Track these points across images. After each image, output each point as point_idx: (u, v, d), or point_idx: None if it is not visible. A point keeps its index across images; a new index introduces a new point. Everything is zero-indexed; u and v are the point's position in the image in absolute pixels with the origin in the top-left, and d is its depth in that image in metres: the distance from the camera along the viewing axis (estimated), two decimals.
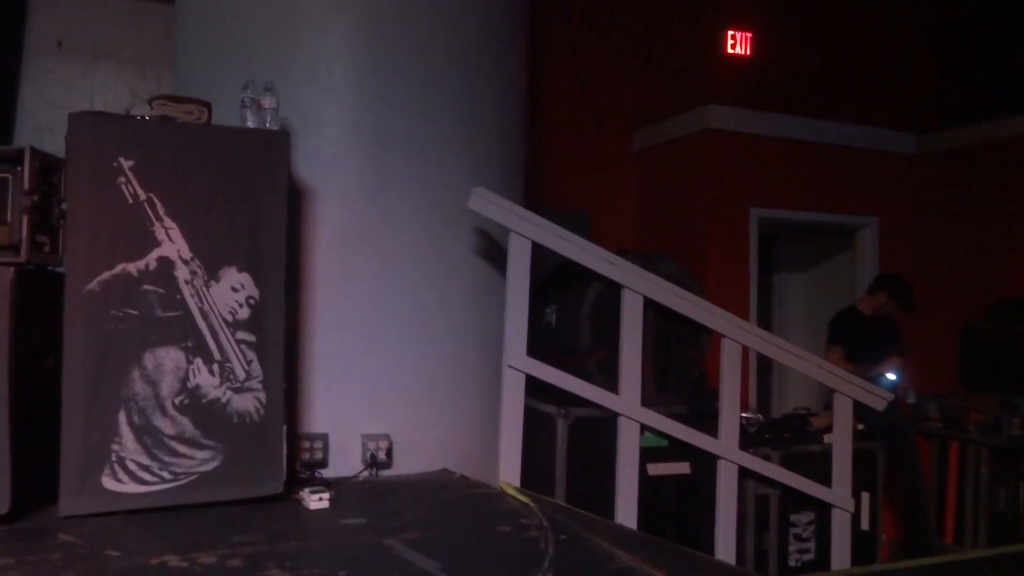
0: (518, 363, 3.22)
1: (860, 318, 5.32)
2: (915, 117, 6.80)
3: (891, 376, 4.95)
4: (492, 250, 3.55)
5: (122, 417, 2.57)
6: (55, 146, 2.68)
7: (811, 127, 6.30)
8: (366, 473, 3.21)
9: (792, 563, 3.99)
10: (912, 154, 6.79)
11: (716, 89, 6.17)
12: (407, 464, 3.29)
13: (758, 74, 6.23)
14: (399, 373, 3.32)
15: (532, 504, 2.90)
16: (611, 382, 3.46)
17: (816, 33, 6.51)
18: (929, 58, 6.96)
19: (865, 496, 4.14)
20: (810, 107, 6.33)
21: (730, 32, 6.22)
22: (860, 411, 4.01)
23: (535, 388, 3.34)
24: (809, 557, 4.01)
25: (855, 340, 5.11)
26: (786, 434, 4.14)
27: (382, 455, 3.21)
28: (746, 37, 6.25)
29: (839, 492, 3.88)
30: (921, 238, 6.73)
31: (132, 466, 2.58)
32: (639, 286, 3.44)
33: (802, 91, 6.37)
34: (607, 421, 3.45)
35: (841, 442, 3.88)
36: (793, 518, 4.00)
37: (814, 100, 6.38)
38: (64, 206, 2.62)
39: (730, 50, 6.24)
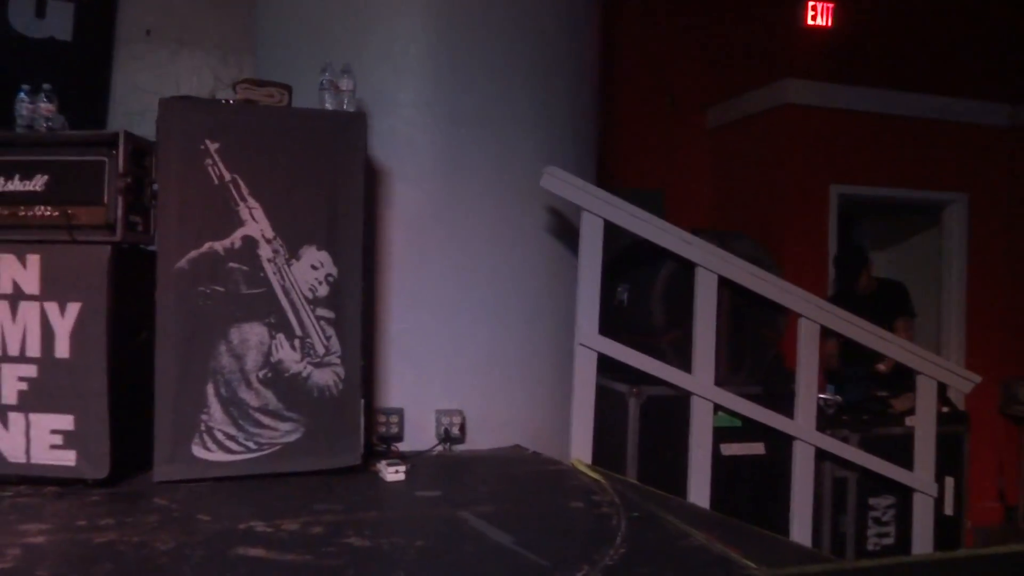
0: (590, 341, 3.23)
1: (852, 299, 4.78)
2: (1008, 87, 6.46)
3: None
4: (564, 229, 3.55)
5: (210, 389, 2.69)
6: (145, 130, 2.80)
7: (895, 100, 6.07)
8: (440, 447, 3.27)
9: (871, 547, 3.90)
10: (1005, 126, 6.47)
11: (795, 62, 5.99)
12: (480, 439, 3.35)
13: (839, 45, 6.02)
14: (472, 350, 3.37)
15: (604, 481, 2.91)
16: (684, 362, 3.43)
17: (900, 1, 6.25)
18: (1021, 25, 6.60)
19: (949, 481, 4.02)
20: (894, 79, 6.09)
21: (810, 2, 6.02)
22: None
23: (607, 367, 3.34)
24: (889, 541, 3.92)
25: None
26: (865, 416, 4.04)
27: (456, 430, 3.27)
28: (827, 7, 6.04)
29: (921, 476, 3.77)
30: (1013, 214, 6.42)
31: (220, 436, 2.70)
32: (713, 265, 3.40)
33: (886, 62, 6.13)
34: (680, 400, 3.43)
35: (924, 425, 3.77)
36: (872, 501, 3.90)
37: (898, 71, 6.13)
38: (155, 187, 2.74)
39: (811, 21, 6.04)
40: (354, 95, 2.96)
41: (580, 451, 3.20)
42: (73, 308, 2.57)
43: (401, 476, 2.83)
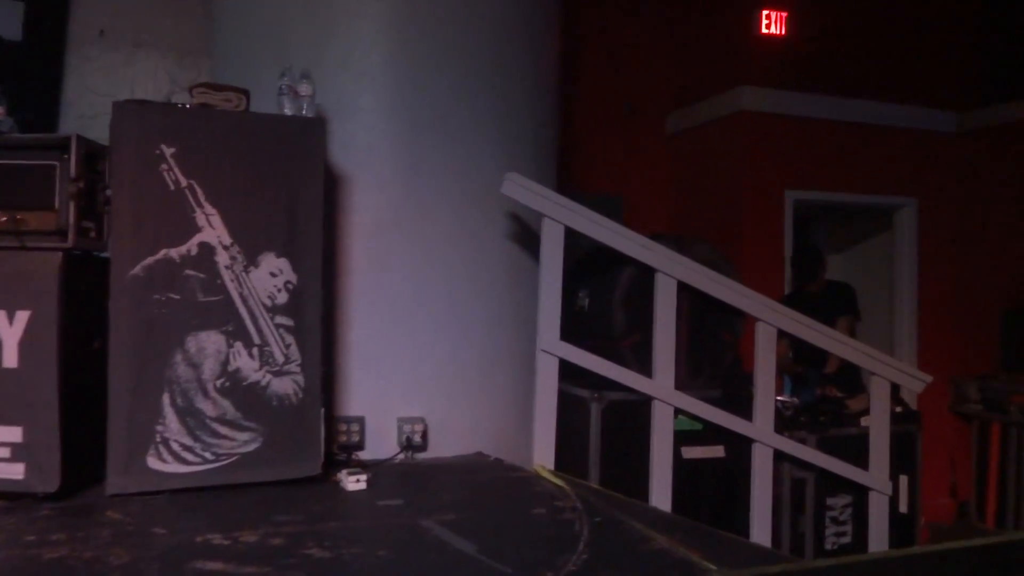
0: (552, 347, 3.24)
1: (804, 298, 4.90)
2: (955, 95, 6.64)
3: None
4: (525, 235, 3.56)
5: (166, 399, 2.64)
6: (98, 133, 2.75)
7: (847, 107, 6.20)
8: (402, 455, 3.25)
9: (829, 546, 3.97)
10: (952, 133, 6.65)
11: (750, 70, 6.10)
12: (442, 447, 3.33)
13: (793, 54, 6.13)
14: (434, 357, 3.36)
15: (566, 487, 2.92)
16: (645, 366, 3.46)
17: (852, 11, 6.39)
18: (969, 34, 6.79)
19: (903, 479, 4.11)
20: (846, 87, 6.23)
21: (764, 12, 6.13)
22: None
23: (569, 372, 3.35)
24: (846, 540, 3.99)
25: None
26: (822, 417, 4.10)
27: (417, 438, 3.26)
28: (781, 16, 6.15)
29: (876, 475, 3.84)
30: (962, 218, 6.60)
31: (176, 447, 2.64)
32: (673, 270, 3.43)
33: (838, 70, 6.26)
34: (641, 405, 3.46)
35: (879, 425, 3.84)
36: (829, 501, 3.97)
37: (850, 79, 6.28)
38: (109, 192, 2.68)
39: (764, 30, 6.15)
40: (313, 100, 2.93)
41: (542, 457, 3.20)
42: (22, 316, 2.51)
43: (362, 485, 2.80)
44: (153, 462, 2.62)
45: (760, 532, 3.59)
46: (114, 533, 2.25)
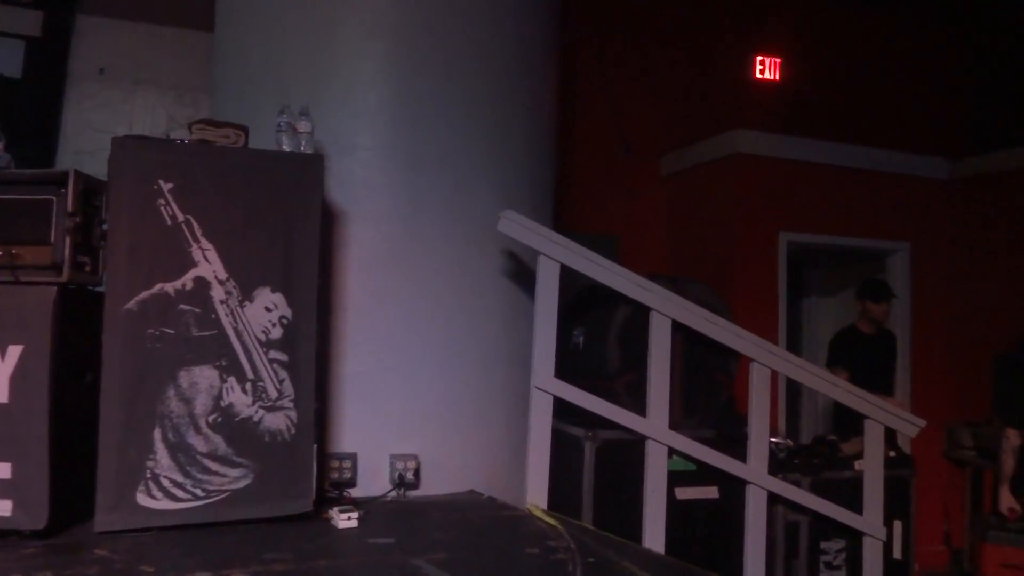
0: (546, 385, 3.23)
1: (860, 336, 5.14)
2: (947, 142, 6.75)
3: None
4: (521, 273, 3.57)
5: (157, 434, 2.62)
6: (95, 169, 2.76)
7: (841, 152, 6.29)
8: (394, 493, 3.22)
9: None
10: (944, 179, 6.74)
11: (745, 114, 6.19)
12: (435, 485, 3.30)
13: (787, 99, 6.24)
14: (428, 394, 3.35)
15: (560, 526, 2.89)
16: (639, 405, 3.45)
17: (846, 58, 6.52)
18: (961, 83, 6.92)
19: (897, 524, 4.08)
20: (840, 132, 6.32)
21: (759, 57, 6.24)
22: None
23: (563, 411, 3.34)
24: None
25: (855, 360, 4.87)
26: (816, 460, 4.09)
27: (410, 475, 3.23)
28: (775, 62, 6.28)
29: (871, 520, 3.82)
30: (954, 264, 6.66)
31: (166, 483, 2.61)
32: (668, 309, 3.44)
33: (831, 116, 6.36)
34: (635, 444, 3.44)
35: (872, 469, 3.83)
36: (823, 545, 3.94)
37: (844, 125, 6.37)
38: (105, 227, 2.69)
39: (759, 75, 6.26)
40: (312, 137, 2.96)
41: (536, 496, 3.17)
42: (15, 351, 2.49)
43: (354, 523, 2.77)
44: (143, 499, 2.59)
45: (754, 575, 3.55)
46: (102, 571, 2.21)
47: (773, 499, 3.69)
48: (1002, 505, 4.92)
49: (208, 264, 2.70)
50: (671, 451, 3.46)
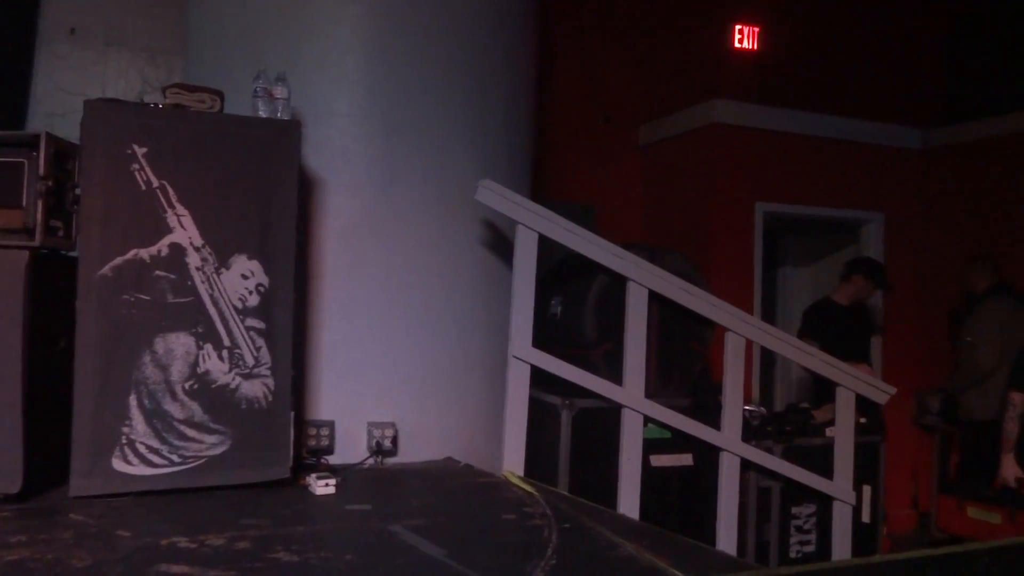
0: (523, 354, 3.25)
1: (836, 309, 5.08)
2: (921, 112, 6.80)
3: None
4: (499, 242, 3.57)
5: (133, 400, 2.61)
6: (67, 132, 2.71)
7: (817, 122, 6.31)
8: (371, 460, 3.24)
9: (793, 554, 4.02)
10: (918, 149, 6.79)
11: (723, 83, 6.19)
12: (412, 452, 3.33)
13: (765, 69, 6.24)
14: (405, 362, 3.35)
15: (536, 493, 2.93)
16: (615, 374, 3.49)
17: (823, 28, 6.52)
18: (936, 53, 6.96)
19: (866, 489, 4.17)
20: (816, 102, 6.35)
21: (737, 26, 6.23)
22: None
23: (540, 379, 3.36)
24: (810, 549, 4.04)
25: (831, 333, 4.77)
26: (788, 427, 4.16)
27: (387, 443, 3.24)
28: (753, 31, 6.27)
29: (841, 485, 3.90)
30: (927, 234, 6.74)
31: (142, 449, 2.61)
32: (644, 279, 3.46)
33: (808, 86, 6.38)
34: (611, 412, 3.48)
35: (843, 436, 3.91)
36: (795, 510, 4.03)
37: (820, 95, 6.39)
38: (78, 191, 2.65)
39: (737, 44, 6.26)
40: (288, 103, 2.92)
41: (512, 463, 3.21)
42: None
43: (331, 490, 2.79)
44: (118, 464, 2.58)
45: (726, 540, 3.63)
46: (77, 535, 2.22)
47: (746, 465, 3.76)
48: (1007, 474, 4.41)
49: (184, 230, 2.68)
50: (647, 419, 3.50)
